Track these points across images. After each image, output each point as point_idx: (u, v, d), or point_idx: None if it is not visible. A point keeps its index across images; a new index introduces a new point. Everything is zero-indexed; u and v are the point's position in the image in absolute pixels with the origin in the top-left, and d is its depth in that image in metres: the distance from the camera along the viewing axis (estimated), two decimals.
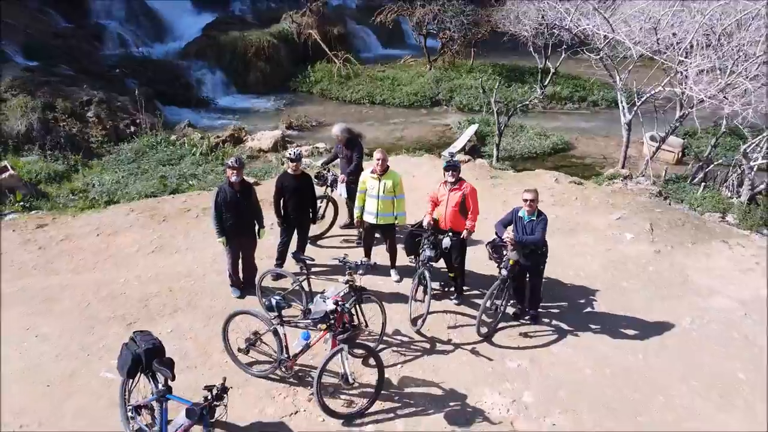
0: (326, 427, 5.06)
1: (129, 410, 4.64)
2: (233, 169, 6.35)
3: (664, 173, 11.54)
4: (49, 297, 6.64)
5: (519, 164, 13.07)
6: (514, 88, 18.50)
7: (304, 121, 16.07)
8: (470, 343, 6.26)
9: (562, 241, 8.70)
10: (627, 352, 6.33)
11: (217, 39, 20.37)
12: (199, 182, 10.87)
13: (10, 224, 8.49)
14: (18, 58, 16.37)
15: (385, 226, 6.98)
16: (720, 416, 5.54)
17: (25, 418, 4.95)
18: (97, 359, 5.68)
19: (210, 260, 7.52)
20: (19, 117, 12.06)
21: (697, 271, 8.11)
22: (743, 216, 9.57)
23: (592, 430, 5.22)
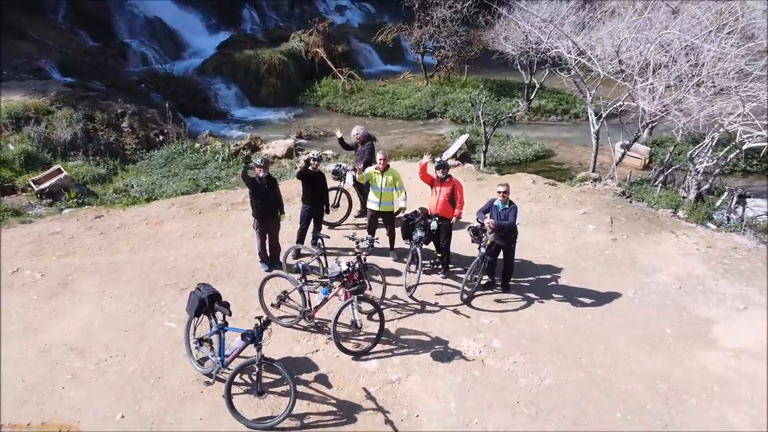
0: (340, 362, 6.56)
1: (194, 343, 6.15)
2: (260, 167, 7.90)
3: (629, 176, 13.10)
4: (115, 270, 8.17)
5: (504, 169, 14.62)
6: (503, 101, 20.12)
7: (312, 131, 17.68)
8: (453, 305, 7.77)
9: (535, 230, 10.26)
10: (578, 314, 7.84)
11: (232, 57, 22.05)
12: (224, 183, 12.44)
13: (71, 215, 10.06)
14: (55, 74, 18.02)
15: (386, 214, 8.52)
16: (648, 359, 7.03)
17: (112, 351, 6.47)
18: (160, 314, 7.20)
19: (241, 244, 9.05)
20: (65, 127, 13.63)
21: (646, 255, 9.63)
22: (691, 211, 11.10)
23: (543, 366, 6.72)
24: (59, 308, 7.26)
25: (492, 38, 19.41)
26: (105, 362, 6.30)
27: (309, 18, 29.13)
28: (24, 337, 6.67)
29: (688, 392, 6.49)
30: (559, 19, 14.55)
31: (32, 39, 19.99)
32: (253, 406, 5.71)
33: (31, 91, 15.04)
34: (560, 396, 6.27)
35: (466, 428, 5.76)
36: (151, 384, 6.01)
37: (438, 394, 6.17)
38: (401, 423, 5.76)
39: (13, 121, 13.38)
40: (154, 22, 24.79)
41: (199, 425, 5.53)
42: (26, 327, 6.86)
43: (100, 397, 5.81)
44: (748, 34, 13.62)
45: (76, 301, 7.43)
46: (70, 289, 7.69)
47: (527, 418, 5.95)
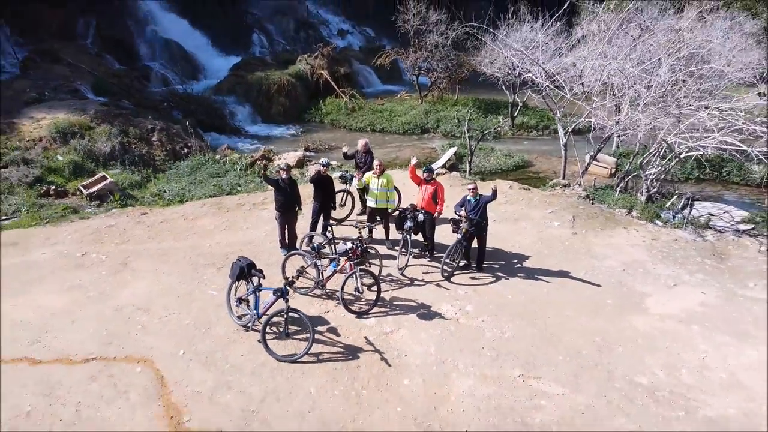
0: (346, 319, 8.34)
1: (235, 302, 7.95)
2: (283, 170, 9.76)
3: (594, 183, 14.95)
4: (163, 254, 9.99)
5: (487, 177, 16.47)
6: (489, 118, 22.08)
7: (318, 145, 19.60)
8: (436, 281, 9.57)
9: (508, 226, 12.09)
10: (537, 288, 9.63)
11: (245, 78, 24.08)
12: (244, 188, 14.29)
13: (120, 213, 11.92)
14: (90, 94, 19.98)
15: (381, 210, 10.36)
16: (590, 321, 8.79)
17: (170, 310, 8.26)
18: (203, 285, 9.00)
19: (263, 235, 10.88)
20: (105, 141, 15.53)
21: (599, 246, 11.44)
22: (642, 211, 12.92)
23: (504, 324, 8.50)
24: (123, 281, 9.07)
25: (479, 62, 21.38)
26: (165, 317, 8.10)
27: (313, 42, 31.34)
28: (101, 301, 8.47)
29: (618, 343, 8.25)
30: (532, 46, 16.47)
31: (66, 63, 22.01)
32: (281, 346, 7.49)
33: (73, 109, 16.99)
34: (516, 345, 8.05)
35: (442, 364, 7.53)
36: (202, 332, 7.81)
37: (421, 342, 7.95)
38: (393, 360, 7.53)
39: (60, 135, 15.30)
40: (173, 46, 26.91)
41: (242, 359, 7.31)
42: (101, 294, 8.66)
43: (165, 341, 7.60)
44: (705, 58, 15.66)
45: (136, 276, 9.25)
46: (130, 267, 9.51)
47: (489, 359, 7.72)
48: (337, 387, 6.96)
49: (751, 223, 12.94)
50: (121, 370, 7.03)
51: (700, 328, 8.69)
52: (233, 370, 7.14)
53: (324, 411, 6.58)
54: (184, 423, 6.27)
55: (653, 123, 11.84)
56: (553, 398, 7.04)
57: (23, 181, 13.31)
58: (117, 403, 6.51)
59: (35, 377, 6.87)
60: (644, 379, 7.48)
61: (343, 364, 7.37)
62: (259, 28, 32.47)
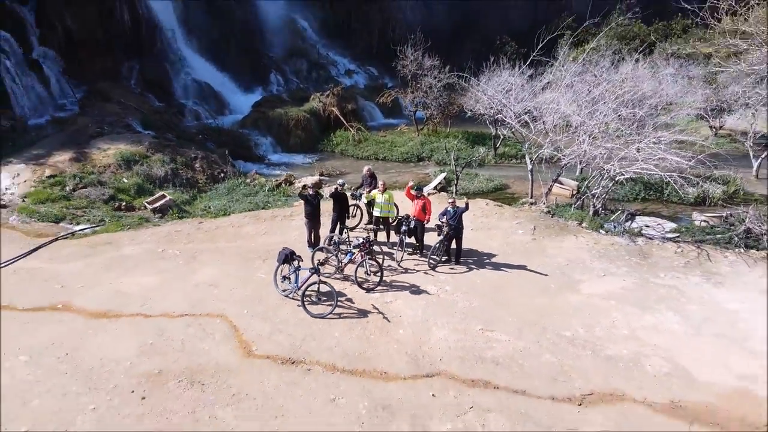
0: (358, 293, 11.38)
1: (280, 279, 11.07)
2: (310, 187, 12.98)
3: (556, 201, 18.13)
4: (220, 250, 13.13)
5: (470, 197, 19.65)
6: (476, 148, 25.39)
7: (331, 171, 22.87)
8: (424, 270, 12.65)
9: (481, 233, 15.22)
10: (499, 276, 12.70)
11: (266, 114, 27.56)
12: (273, 205, 17.49)
13: (182, 222, 15.10)
14: (139, 128, 23.42)
15: (384, 219, 13.53)
16: (536, 298, 11.80)
17: (233, 287, 11.36)
18: (254, 271, 12.11)
19: (294, 238, 14.02)
20: (159, 167, 18.82)
21: (552, 248, 14.54)
22: (589, 222, 16.07)
23: (472, 299, 11.57)
24: (195, 268, 12.20)
25: (466, 101, 24.80)
26: (230, 291, 11.21)
27: (323, 80, 35.10)
28: (182, 280, 11.59)
29: (554, 312, 11.29)
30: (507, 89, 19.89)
31: (116, 101, 25.56)
32: (314, 308, 10.57)
33: (130, 141, 20.36)
34: (480, 311, 11.10)
35: (426, 322, 10.58)
36: (258, 300, 10.90)
37: (412, 308, 11.02)
38: (392, 318, 10.59)
39: (124, 162, 18.61)
40: (203, 85, 30.54)
41: (287, 316, 10.38)
42: (181, 276, 11.79)
43: (233, 305, 10.68)
44: (649, 100, 19.02)
45: (204, 265, 12.38)
46: (198, 259, 12.66)
47: (459, 319, 10.77)
48: (353, 333, 10.03)
49: (676, 232, 16.10)
50: (206, 322, 10.12)
51: (616, 303, 11.74)
52: (282, 322, 10.22)
53: (345, 346, 9.64)
54: (253, 351, 9.34)
55: (593, 153, 15.08)
56: (501, 342, 10.09)
57: (100, 198, 16.55)
58: (207, 340, 9.59)
59: (149, 325, 9.95)
60: (568, 333, 10.52)
61: (357, 320, 10.45)
62: (275, 68, 36.18)
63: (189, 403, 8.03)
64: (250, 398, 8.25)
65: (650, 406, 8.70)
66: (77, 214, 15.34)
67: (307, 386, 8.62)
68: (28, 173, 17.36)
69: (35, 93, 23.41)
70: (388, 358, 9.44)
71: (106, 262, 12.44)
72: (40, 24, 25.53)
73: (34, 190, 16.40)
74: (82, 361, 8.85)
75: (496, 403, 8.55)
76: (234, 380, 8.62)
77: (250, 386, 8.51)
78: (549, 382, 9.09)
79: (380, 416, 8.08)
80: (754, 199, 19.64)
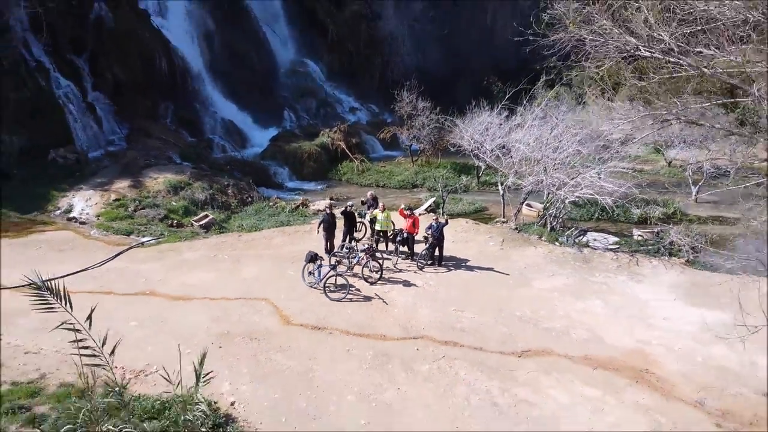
0: (364, 285, 14.96)
1: (307, 274, 14.72)
2: (328, 207, 16.71)
3: (523, 220, 21.84)
4: (258, 256, 16.79)
5: (454, 217, 23.35)
6: (461, 177, 29.23)
7: (339, 195, 26.63)
8: (414, 270, 16.29)
9: (460, 245, 18.88)
10: (472, 275, 16.30)
11: (283, 148, 31.48)
12: (294, 222, 21.18)
13: (224, 236, 18.79)
14: (178, 160, 27.28)
15: (384, 231, 17.23)
16: (497, 291, 15.40)
17: (271, 280, 14.99)
18: (286, 269, 15.74)
19: (313, 246, 17.53)
20: (200, 192, 22.59)
21: (515, 255, 18.16)
22: (547, 237, 19.75)
23: (451, 291, 15.18)
24: (240, 268, 15.83)
25: (453, 136, 28.72)
26: (269, 283, 14.82)
27: (330, 117, 39.22)
28: (232, 276, 15.20)
29: (510, 300, 14.85)
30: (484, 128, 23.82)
31: (156, 137, 29.50)
32: (333, 294, 14.17)
33: (175, 171, 24.20)
34: (454, 298, 14.67)
35: (414, 305, 14.16)
36: (291, 290, 14.50)
37: (404, 296, 14.61)
38: (389, 302, 14.15)
39: (172, 188, 22.39)
40: (227, 122, 34.58)
41: (314, 300, 13.97)
42: (231, 273, 15.40)
43: (273, 292, 14.28)
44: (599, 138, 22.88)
45: (247, 266, 16.01)
46: (241, 262, 16.30)
47: (439, 304, 14.34)
48: (361, 311, 13.63)
49: (617, 244, 19.79)
50: (255, 303, 13.72)
51: (558, 294, 15.34)
52: (309, 304, 13.82)
53: (355, 319, 13.21)
54: (291, 321, 12.94)
55: (547, 182, 18.89)
56: (468, 318, 13.66)
57: (156, 217, 20.27)
58: (257, 315, 13.17)
59: (214, 305, 13.54)
60: (518, 313, 14.09)
61: (363, 303, 14.05)
62: (288, 106, 40.28)
63: (251, 351, 11.60)
64: (292, 349, 11.83)
65: (569, 358, 12.24)
66: (141, 229, 19.03)
67: (329, 343, 12.21)
68: (97, 197, 21.12)
69: (91, 131, 27.34)
70: (386, 327, 13.03)
71: (173, 263, 16.10)
72: (93, 73, 29.63)
73: (105, 210, 20.14)
74: (174, 326, 12.45)
75: (461, 354, 12.11)
76: (279, 339, 12.21)
77: (290, 342, 12.10)
78: (499, 343, 12.66)
79: (380, 360, 11.65)
80: (687, 219, 23.38)
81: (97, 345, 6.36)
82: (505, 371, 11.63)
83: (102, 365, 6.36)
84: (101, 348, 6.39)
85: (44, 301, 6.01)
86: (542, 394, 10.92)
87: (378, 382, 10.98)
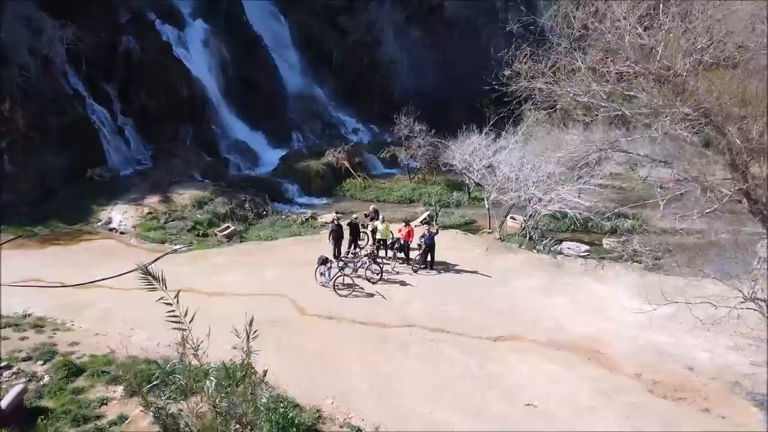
0: (367, 284, 17.49)
1: (318, 275, 17.30)
2: (336, 219, 19.33)
3: (506, 231, 24.44)
4: (276, 260, 19.36)
5: (446, 228, 25.92)
6: (454, 193, 31.87)
7: (344, 210, 29.23)
8: (410, 273, 18.85)
9: (451, 251, 21.44)
10: (459, 277, 18.83)
11: (292, 166, 34.16)
12: (305, 233, 23.77)
13: (245, 244, 21.40)
14: (199, 178, 29.96)
15: (383, 240, 19.83)
16: (479, 289, 17.91)
17: (288, 279, 17.56)
18: (299, 272, 18.25)
19: (322, 252, 20.25)
20: (221, 207, 25.23)
21: (498, 261, 20.68)
22: (527, 245, 22.32)
23: (440, 289, 17.72)
24: (262, 270, 18.38)
25: (446, 156, 31.40)
26: (287, 282, 17.36)
27: (334, 137, 41.97)
28: (256, 276, 17.76)
29: (490, 297, 17.37)
30: (472, 150, 26.54)
31: (178, 156, 32.22)
32: (341, 292, 16.72)
33: (198, 188, 26.86)
34: (443, 295, 17.17)
35: (408, 301, 16.69)
36: (305, 287, 17.03)
37: (400, 293, 17.15)
38: (388, 298, 16.69)
39: (197, 203, 25.04)
40: (241, 143, 37.33)
41: (324, 296, 16.51)
42: (254, 275, 17.96)
43: (290, 289, 16.80)
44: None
45: (267, 269, 18.55)
46: (262, 266, 18.85)
47: (429, 299, 16.87)
48: (364, 305, 16.16)
49: (587, 252, 22.37)
50: (276, 298, 16.26)
51: (531, 293, 17.85)
52: (321, 299, 16.35)
53: (360, 311, 15.73)
54: (306, 312, 15.49)
55: (525, 197, 21.53)
56: (453, 311, 16.16)
57: (185, 228, 22.87)
58: (278, 307, 15.71)
59: (243, 299, 16.08)
60: (496, 307, 16.61)
61: (366, 298, 16.59)
62: (296, 128, 43.02)
63: (275, 334, 14.10)
64: (308, 333, 14.38)
65: (536, 342, 14.74)
66: (172, 238, 21.62)
67: (338, 329, 14.75)
68: (132, 211, 23.76)
69: (121, 152, 30.09)
70: (385, 317, 15.57)
71: (205, 267, 18.68)
72: (123, 99, 32.49)
73: (140, 222, 22.76)
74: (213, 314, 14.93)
75: (446, 339, 14.62)
76: (297, 325, 14.76)
77: (307, 327, 14.65)
78: (479, 331, 15.17)
79: (380, 342, 14.18)
80: (653, 231, 25.97)
81: (182, 316, 8.90)
82: (482, 352, 14.14)
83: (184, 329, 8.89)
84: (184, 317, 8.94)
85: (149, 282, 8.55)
86: (510, 369, 13.42)
87: (378, 358, 13.50)
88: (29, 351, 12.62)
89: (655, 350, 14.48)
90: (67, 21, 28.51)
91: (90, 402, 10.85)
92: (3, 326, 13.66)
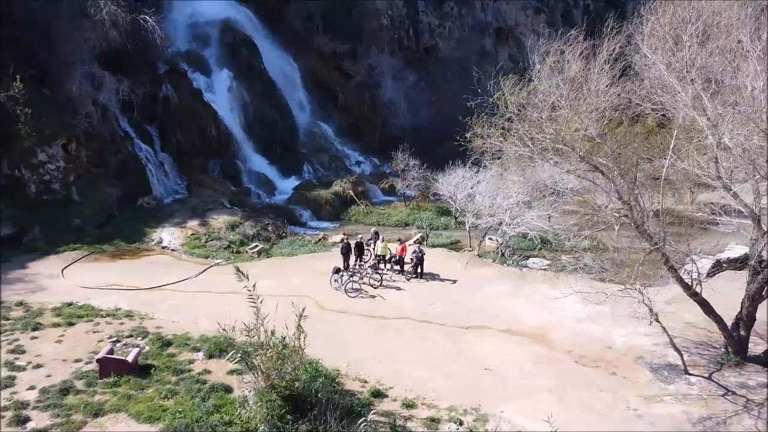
0: (370, 289, 22.11)
1: (332, 281, 21.93)
2: (345, 239, 24.05)
3: (484, 249, 29.11)
4: (299, 271, 23.97)
5: (435, 247, 30.59)
6: (442, 218, 36.62)
7: (350, 232, 33.89)
8: (403, 281, 23.46)
9: (437, 265, 26.07)
10: (443, 284, 23.42)
11: (305, 195, 38.96)
12: (319, 250, 28.40)
13: (272, 259, 26.07)
14: (228, 205, 34.73)
15: (383, 255, 24.51)
16: (461, 293, 22.49)
17: (310, 284, 22.19)
18: (318, 279, 22.84)
19: (335, 263, 24.89)
20: (250, 229, 29.90)
21: (475, 272, 25.26)
22: (499, 260, 26.97)
23: (428, 293, 22.32)
24: (289, 278, 22.97)
25: (436, 187, 36.25)
26: (309, 286, 21.96)
27: (340, 169, 46.95)
28: (285, 283, 22.33)
29: (467, 299, 21.92)
30: (456, 181, 31.41)
31: (207, 186, 37.08)
32: (350, 294, 21.32)
33: (229, 213, 31.60)
34: (429, 297, 21.74)
35: (402, 301, 21.26)
36: (323, 290, 21.61)
37: (397, 297, 21.71)
38: (387, 299, 21.28)
39: (229, 226, 29.74)
40: (260, 174, 42.24)
41: (338, 297, 21.09)
42: (283, 281, 22.53)
43: (311, 291, 21.36)
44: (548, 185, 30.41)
45: (293, 277, 23.13)
46: (289, 275, 23.41)
47: (419, 301, 21.44)
48: (368, 303, 20.75)
49: (548, 265, 27.04)
50: (301, 297, 20.78)
51: (499, 296, 22.43)
52: (335, 299, 20.92)
53: (365, 308, 20.29)
54: (324, 308, 20.09)
55: (495, 221, 26.31)
56: (437, 309, 20.72)
57: (222, 247, 27.51)
58: (303, 304, 20.31)
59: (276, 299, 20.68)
60: (470, 306, 21.14)
61: (370, 299, 21.19)
62: (307, 160, 48.01)
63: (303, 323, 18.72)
64: (327, 322, 18.92)
65: (497, 330, 19.27)
66: (213, 254, 26.25)
67: (350, 319, 19.32)
68: (178, 233, 28.44)
69: (162, 183, 34.95)
70: (384, 312, 20.16)
71: None
72: (162, 138, 37.55)
73: (185, 241, 27.41)
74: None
75: (430, 327, 19.15)
76: (318, 316, 19.28)
77: (326, 318, 19.20)
78: (455, 322, 19.71)
79: (381, 328, 18.73)
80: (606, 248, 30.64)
81: (257, 303, 13.54)
82: (456, 336, 18.69)
83: (258, 306, 13.52)
84: (258, 304, 13.57)
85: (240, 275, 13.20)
86: (476, 347, 17.94)
87: (379, 338, 18.05)
88: (129, 331, 17.20)
89: (586, 335, 19.02)
90: (121, 76, 33.73)
91: (181, 362, 15.39)
92: (104, 316, 18.25)
